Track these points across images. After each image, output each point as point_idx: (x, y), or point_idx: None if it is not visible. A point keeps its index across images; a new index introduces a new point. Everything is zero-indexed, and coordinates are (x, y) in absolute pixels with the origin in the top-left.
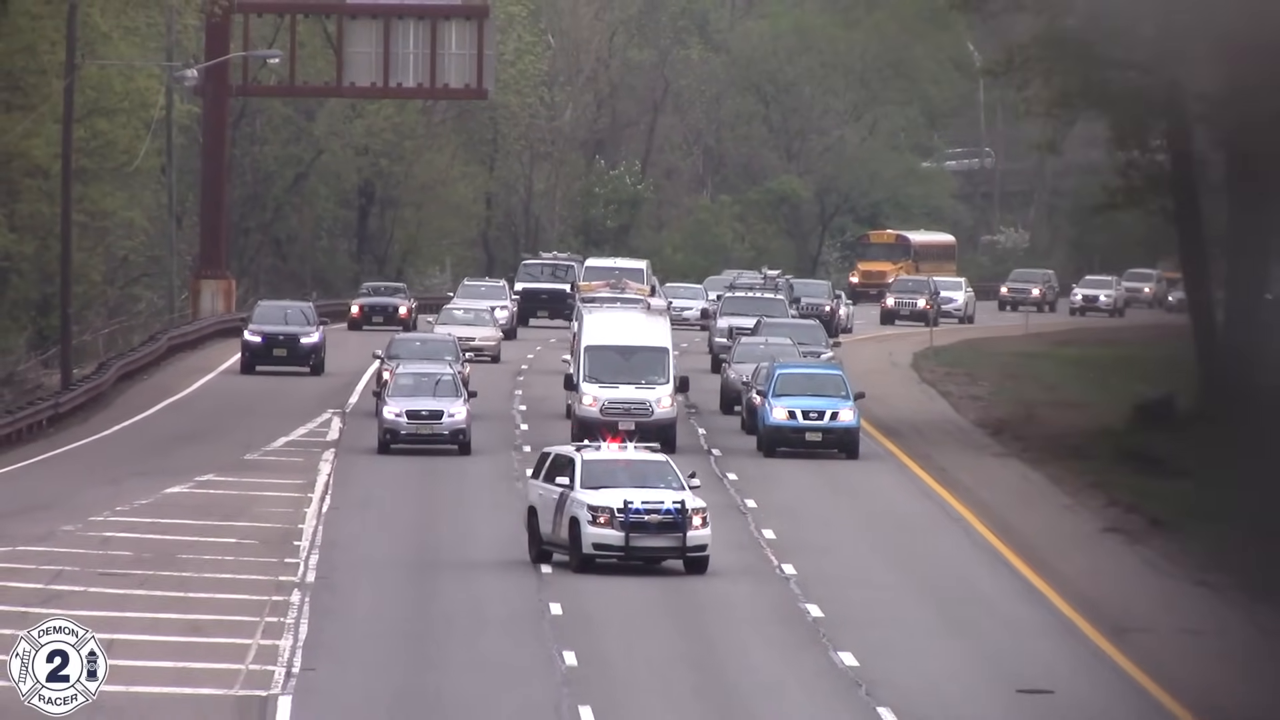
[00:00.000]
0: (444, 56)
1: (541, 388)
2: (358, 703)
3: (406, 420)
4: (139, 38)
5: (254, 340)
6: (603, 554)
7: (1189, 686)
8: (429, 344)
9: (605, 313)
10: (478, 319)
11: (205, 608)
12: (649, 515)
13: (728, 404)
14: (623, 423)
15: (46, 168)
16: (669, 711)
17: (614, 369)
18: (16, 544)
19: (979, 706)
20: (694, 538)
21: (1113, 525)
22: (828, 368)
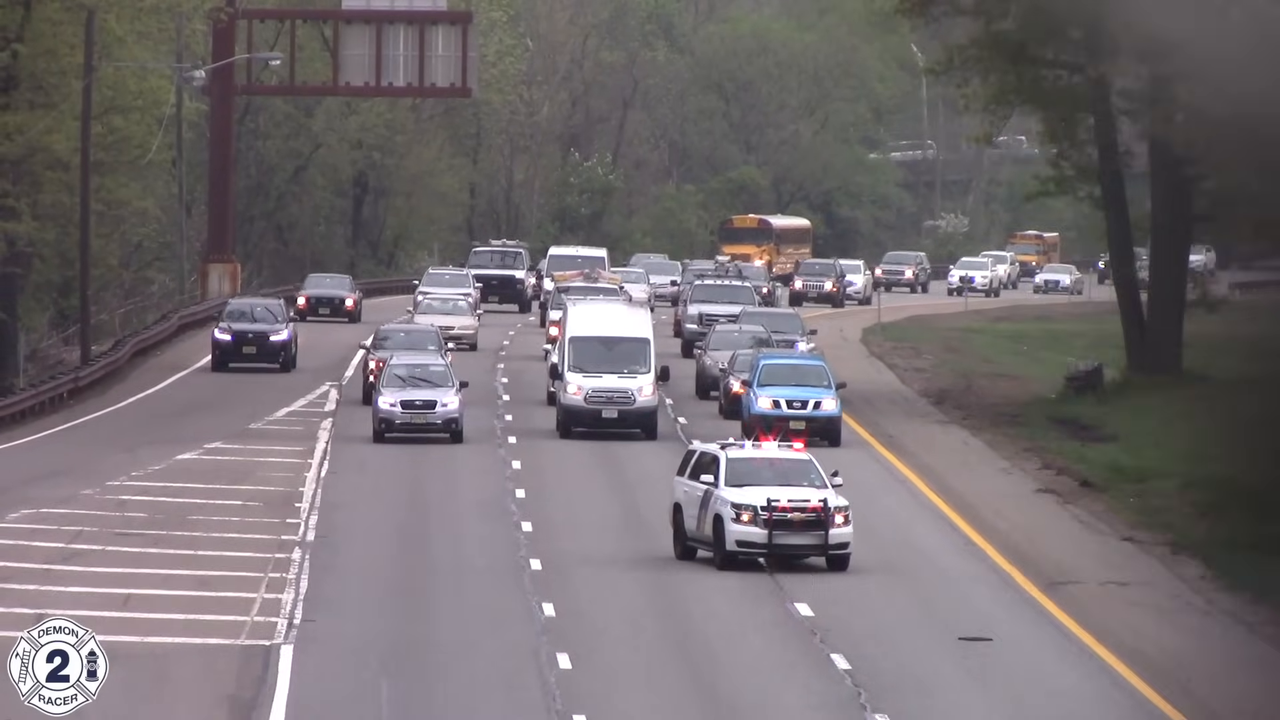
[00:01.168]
0: (431, 58)
1: (522, 373)
2: (354, 650)
3: (401, 410)
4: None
5: (223, 338)
6: (746, 551)
7: (1115, 633)
8: (413, 334)
9: (589, 305)
10: (456, 308)
11: (213, 564)
12: (792, 513)
13: (703, 389)
14: (606, 410)
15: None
16: (638, 656)
17: (597, 359)
18: (40, 506)
19: (923, 652)
20: (836, 535)
21: (1046, 486)
22: (811, 358)
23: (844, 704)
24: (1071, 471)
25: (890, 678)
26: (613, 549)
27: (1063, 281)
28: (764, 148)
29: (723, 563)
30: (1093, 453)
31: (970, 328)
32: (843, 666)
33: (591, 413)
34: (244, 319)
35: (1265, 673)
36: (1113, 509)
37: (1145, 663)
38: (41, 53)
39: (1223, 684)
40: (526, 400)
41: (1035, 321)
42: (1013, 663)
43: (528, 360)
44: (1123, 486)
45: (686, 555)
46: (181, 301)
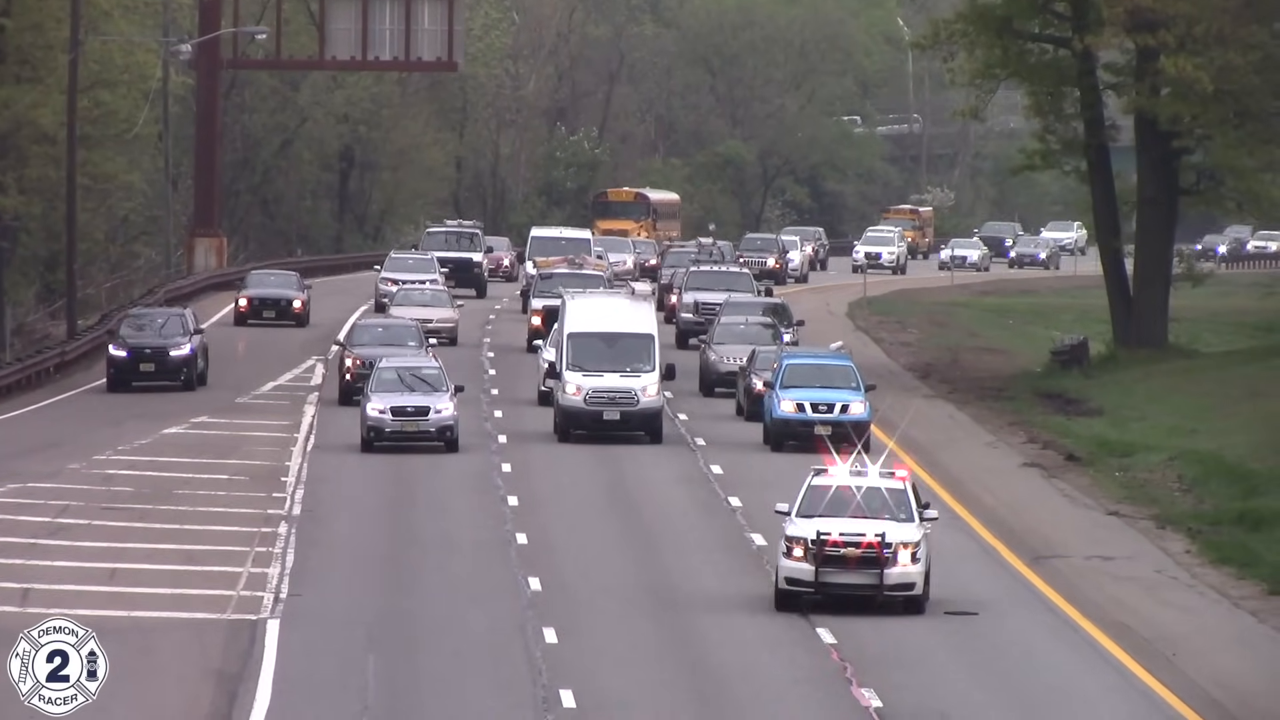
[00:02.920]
0: (417, 32)
1: (508, 365)
2: (340, 624)
3: (391, 418)
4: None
5: (119, 355)
6: (796, 589)
7: (1100, 607)
8: (391, 329)
9: (588, 298)
10: (435, 299)
11: (200, 539)
12: (846, 549)
13: (708, 386)
14: (608, 412)
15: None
16: (623, 630)
17: (598, 356)
18: (27, 481)
19: (909, 625)
20: (895, 575)
21: (1031, 460)
22: (838, 358)
23: (830, 677)
24: (1057, 445)
25: (876, 651)
26: (594, 522)
27: (970, 258)
28: (750, 122)
29: (777, 603)
30: (1078, 427)
31: (956, 302)
32: (828, 640)
33: (592, 414)
34: (143, 332)
35: (1249, 646)
36: (1098, 483)
37: (1129, 637)
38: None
39: (1207, 658)
40: (519, 400)
41: (1020, 296)
42: (998, 636)
43: (516, 354)
44: (1108, 460)
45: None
46: (168, 276)
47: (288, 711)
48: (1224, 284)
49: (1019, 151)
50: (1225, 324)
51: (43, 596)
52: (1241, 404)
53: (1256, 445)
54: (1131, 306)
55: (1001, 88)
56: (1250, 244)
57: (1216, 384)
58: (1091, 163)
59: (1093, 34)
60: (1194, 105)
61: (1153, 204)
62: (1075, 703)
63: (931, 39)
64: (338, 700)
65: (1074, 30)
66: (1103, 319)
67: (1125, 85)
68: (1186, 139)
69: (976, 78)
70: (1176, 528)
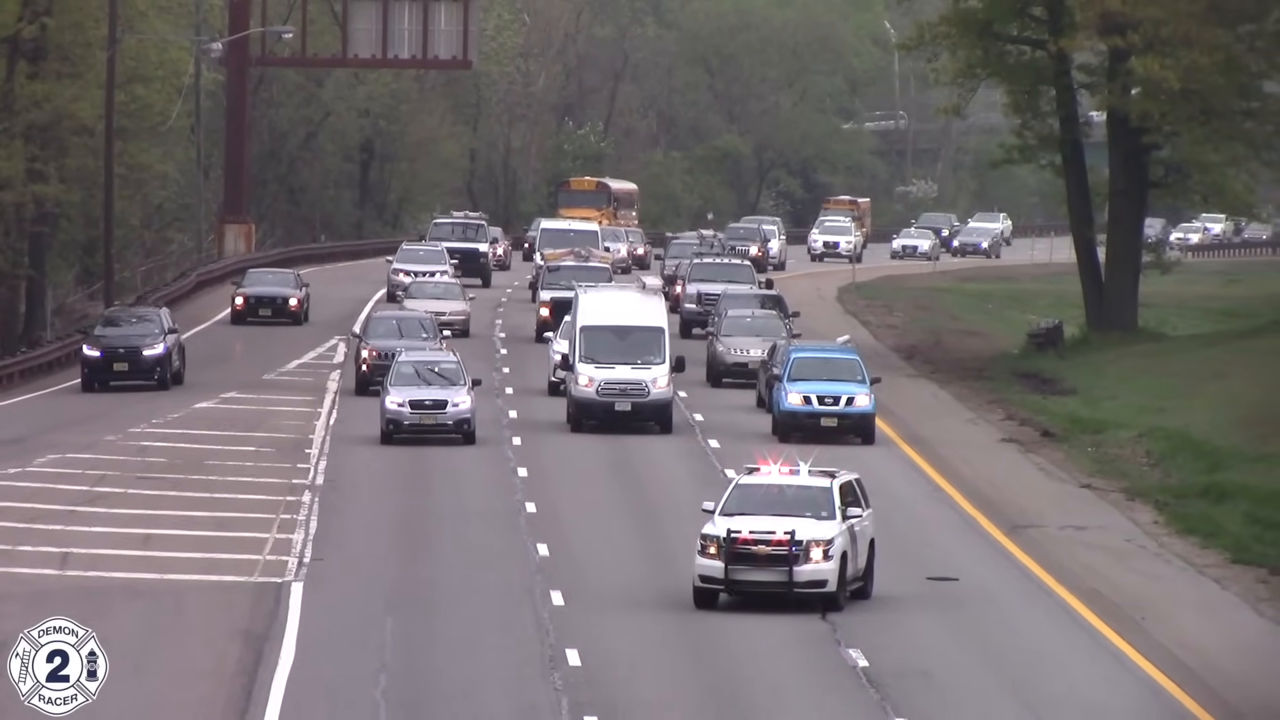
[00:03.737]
0: (434, 32)
1: (519, 355)
2: (360, 587)
3: (410, 410)
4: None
5: (92, 355)
6: (710, 586)
7: (1073, 574)
8: (406, 321)
9: (600, 292)
10: (447, 292)
11: (228, 506)
12: (755, 546)
13: (715, 377)
14: (619, 403)
15: (91, 127)
16: (626, 593)
17: (610, 349)
18: (66, 452)
19: (895, 590)
20: (806, 573)
21: (1009, 436)
22: (844, 351)
23: (820, 640)
24: (1033, 422)
25: (862, 615)
26: (600, 491)
27: (921, 247)
28: (746, 117)
29: (694, 601)
30: (1053, 405)
31: (939, 287)
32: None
33: (604, 405)
34: (116, 331)
35: (1212, 611)
36: (1071, 458)
37: (1101, 601)
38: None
39: (1173, 621)
40: (531, 390)
41: (999, 282)
42: (977, 601)
43: (525, 344)
44: (1081, 437)
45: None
46: (199, 260)
47: (310, 668)
48: (1191, 271)
49: (998, 146)
50: (1191, 309)
51: (81, 560)
52: (1207, 384)
53: (1220, 423)
54: (1103, 292)
55: (982, 86)
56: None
57: (1183, 365)
58: (1066, 157)
59: (1067, 36)
60: (1162, 103)
61: (1124, 196)
62: (1049, 663)
63: (916, 40)
64: (357, 658)
65: (1050, 33)
66: (1076, 304)
67: (1098, 84)
68: (1155, 135)
69: (958, 77)
70: (1145, 500)
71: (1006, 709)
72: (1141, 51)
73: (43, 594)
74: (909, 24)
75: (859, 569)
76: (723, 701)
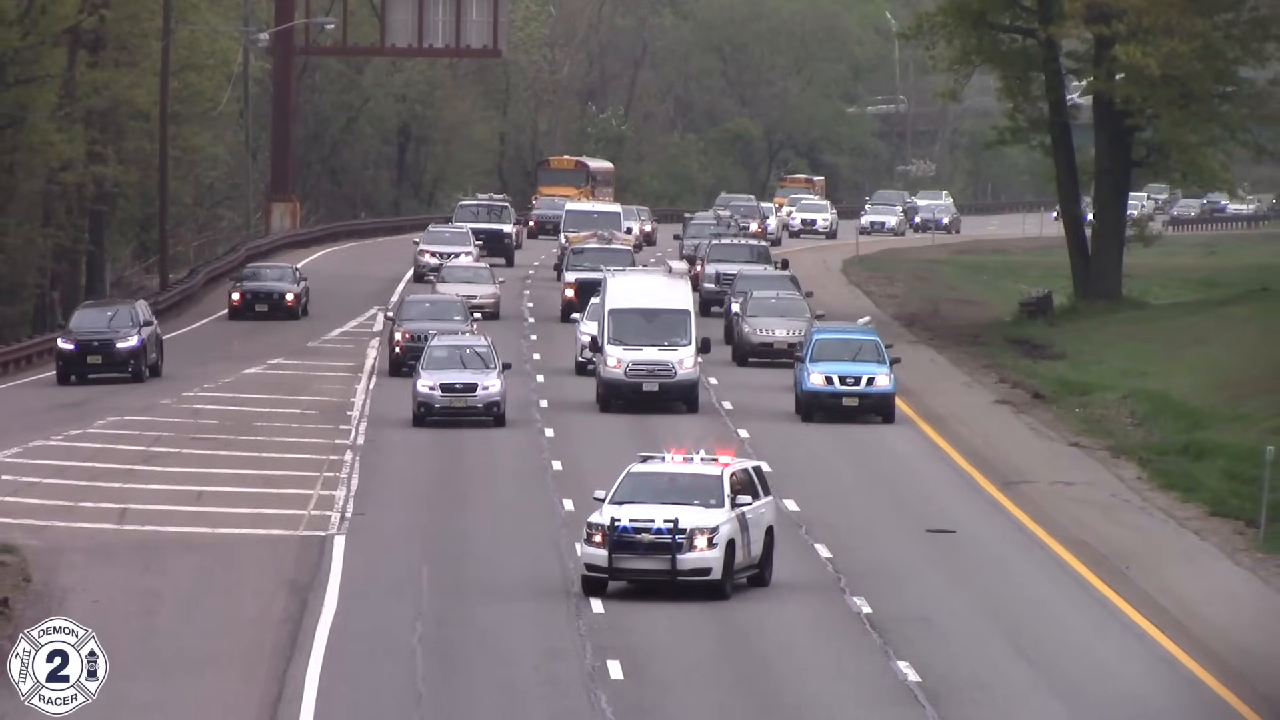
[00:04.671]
0: (466, 23)
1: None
2: (397, 540)
3: (440, 394)
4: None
5: (67, 348)
6: (595, 574)
7: (1062, 526)
8: (438, 304)
9: (628, 276)
10: (477, 276)
11: (275, 465)
12: (638, 534)
13: (741, 357)
14: (647, 384)
15: (147, 112)
16: None
17: (637, 331)
18: (124, 414)
19: (895, 542)
20: (690, 561)
21: (1002, 398)
22: (865, 333)
23: (826, 587)
24: (1025, 385)
25: (866, 565)
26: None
27: (888, 223)
28: (757, 102)
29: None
30: (1043, 369)
31: (937, 260)
32: (824, 555)
33: (632, 385)
34: (91, 326)
35: (1192, 561)
36: (1061, 418)
37: (1088, 551)
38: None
39: (1155, 571)
40: (560, 370)
41: (993, 255)
42: (973, 552)
43: (552, 324)
44: (1069, 399)
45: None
46: (248, 235)
47: (352, 616)
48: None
49: (991, 128)
50: (1172, 279)
51: (138, 515)
52: (1186, 349)
53: (1199, 385)
54: (1090, 264)
55: (976, 72)
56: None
57: (1164, 332)
58: (1055, 138)
59: (1056, 25)
60: (1144, 88)
61: (1109, 174)
62: (1040, 609)
63: (915, 30)
64: (395, 605)
65: (1039, 22)
66: (1065, 275)
67: (1084, 70)
68: (1138, 118)
69: (955, 64)
70: (1129, 457)
71: (1000, 652)
72: (1125, 39)
73: (103, 547)
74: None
75: (753, 557)
76: (735, 642)
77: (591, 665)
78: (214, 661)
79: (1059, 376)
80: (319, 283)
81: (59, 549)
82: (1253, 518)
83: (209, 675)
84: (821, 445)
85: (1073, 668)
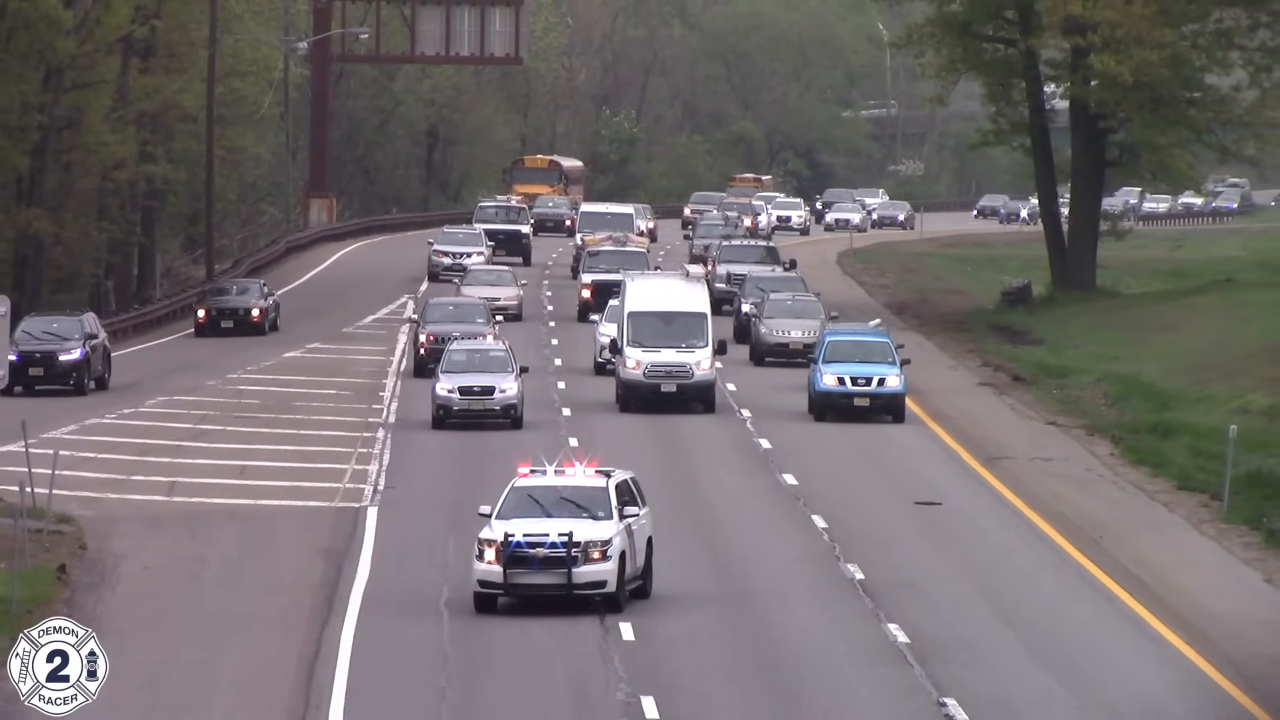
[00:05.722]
0: (490, 33)
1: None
2: (425, 511)
3: (459, 396)
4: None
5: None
6: (490, 591)
7: (1041, 498)
8: (461, 307)
9: (647, 280)
10: (500, 279)
11: (312, 442)
12: (533, 549)
13: (759, 356)
14: (665, 385)
15: (195, 115)
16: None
17: (656, 333)
18: (173, 394)
19: (885, 513)
20: (585, 574)
21: (985, 380)
22: (876, 334)
23: (822, 555)
24: (1006, 368)
25: (859, 534)
26: (635, 425)
27: (853, 220)
28: (758, 106)
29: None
30: (1023, 353)
31: (924, 252)
32: (821, 525)
33: (651, 387)
34: (34, 338)
35: (1160, 531)
36: (1039, 399)
37: (1064, 522)
38: (175, 27)
39: (1126, 540)
40: (579, 370)
41: (977, 248)
42: (958, 522)
43: (570, 323)
44: (1047, 381)
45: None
46: (288, 229)
47: (383, 581)
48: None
49: (976, 131)
50: (1142, 271)
51: (186, 488)
52: (1155, 336)
53: (1167, 369)
54: (1066, 256)
55: (962, 79)
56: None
57: (1135, 320)
58: (1034, 140)
59: (1035, 36)
60: (1117, 93)
61: (1084, 174)
62: (1019, 575)
63: (905, 39)
64: (423, 571)
65: (1020, 33)
66: (1043, 266)
67: (1062, 77)
68: (1111, 121)
69: (942, 71)
70: (1102, 435)
71: (983, 615)
72: (1100, 49)
73: (153, 517)
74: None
75: (637, 568)
76: (739, 604)
77: (605, 628)
78: (256, 622)
79: (1038, 360)
80: (354, 272)
81: (112, 519)
82: (1216, 491)
83: (251, 635)
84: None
85: (1049, 629)
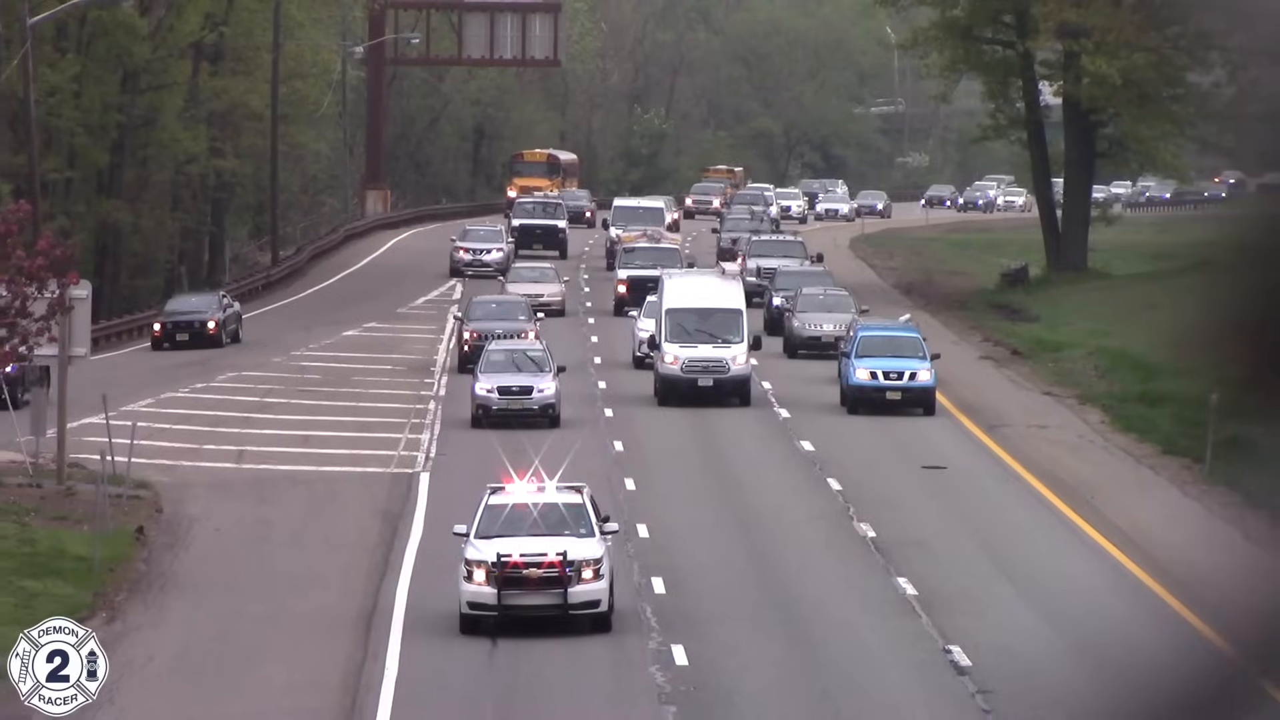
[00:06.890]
0: (531, 38)
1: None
2: (473, 475)
3: (498, 396)
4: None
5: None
6: (481, 613)
7: (1037, 463)
8: (504, 304)
9: (684, 278)
10: (543, 276)
11: (370, 413)
12: (528, 569)
13: (792, 349)
14: (702, 379)
15: (260, 114)
16: (683, 481)
17: (693, 330)
18: (241, 370)
19: (895, 475)
20: (580, 594)
21: (986, 355)
22: (907, 330)
23: (837, 515)
24: (1004, 343)
25: (870, 496)
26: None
27: (841, 210)
28: (777, 104)
29: (461, 627)
30: (1020, 329)
31: (930, 238)
32: (836, 488)
33: (688, 381)
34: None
35: (1147, 493)
36: (1035, 371)
37: (1059, 484)
38: (241, 33)
39: (1116, 501)
40: (618, 364)
41: (978, 233)
42: (961, 484)
43: (608, 317)
44: (1043, 355)
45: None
46: (346, 218)
47: (435, 540)
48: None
49: (977, 126)
50: (1130, 253)
51: (253, 456)
52: (1142, 313)
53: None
54: (1060, 240)
55: (963, 78)
56: (1001, 200)
57: (1124, 298)
58: (1030, 134)
59: (1032, 39)
60: (1107, 91)
61: (1076, 165)
62: (1017, 532)
63: (912, 42)
64: None
65: (1018, 36)
66: (1039, 250)
67: (1056, 76)
68: (1101, 116)
69: (945, 70)
70: (1094, 404)
71: (984, 569)
72: (1091, 52)
73: (223, 483)
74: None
75: None
76: (760, 563)
77: (639, 582)
78: (318, 579)
79: (1034, 336)
80: (407, 258)
81: (186, 485)
82: (1199, 455)
83: (314, 591)
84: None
85: (1045, 581)
